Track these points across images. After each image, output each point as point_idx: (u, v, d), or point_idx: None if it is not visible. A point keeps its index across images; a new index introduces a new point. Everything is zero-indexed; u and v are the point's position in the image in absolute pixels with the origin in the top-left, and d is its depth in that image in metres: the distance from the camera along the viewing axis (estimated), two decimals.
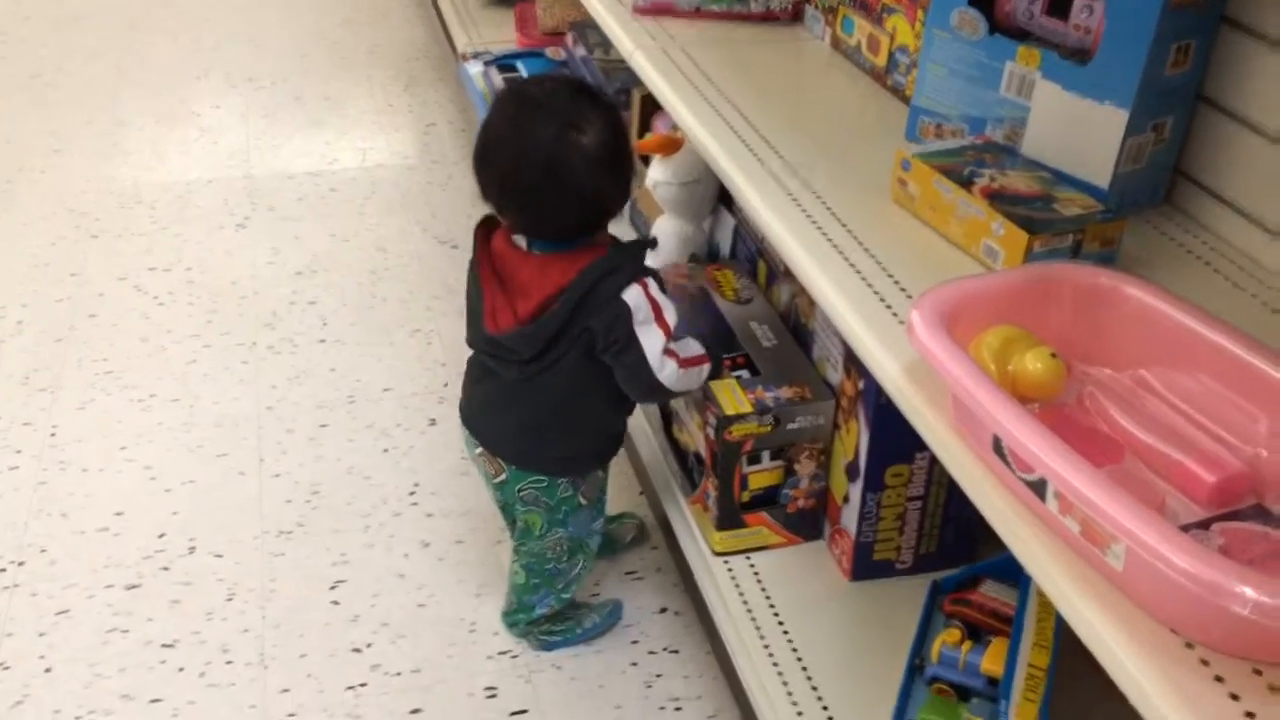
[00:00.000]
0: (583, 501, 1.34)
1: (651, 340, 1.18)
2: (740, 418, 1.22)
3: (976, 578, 1.13)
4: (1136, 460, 0.78)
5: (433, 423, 1.83)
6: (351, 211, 2.44)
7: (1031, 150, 1.12)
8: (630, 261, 1.20)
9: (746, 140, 1.27)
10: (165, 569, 1.55)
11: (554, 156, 1.16)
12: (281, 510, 1.65)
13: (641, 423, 1.56)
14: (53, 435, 1.78)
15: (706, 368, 1.26)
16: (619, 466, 1.72)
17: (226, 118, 2.82)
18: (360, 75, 3.09)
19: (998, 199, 1.03)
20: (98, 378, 1.91)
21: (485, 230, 1.26)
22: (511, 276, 1.21)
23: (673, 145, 1.52)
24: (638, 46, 1.51)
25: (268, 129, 2.76)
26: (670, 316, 1.21)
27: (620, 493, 1.69)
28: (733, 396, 1.24)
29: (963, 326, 0.84)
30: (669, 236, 1.57)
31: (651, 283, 1.20)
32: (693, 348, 1.26)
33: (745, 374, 1.33)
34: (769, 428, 1.23)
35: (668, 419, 1.51)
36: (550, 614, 1.42)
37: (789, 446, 1.25)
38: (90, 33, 3.26)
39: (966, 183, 1.05)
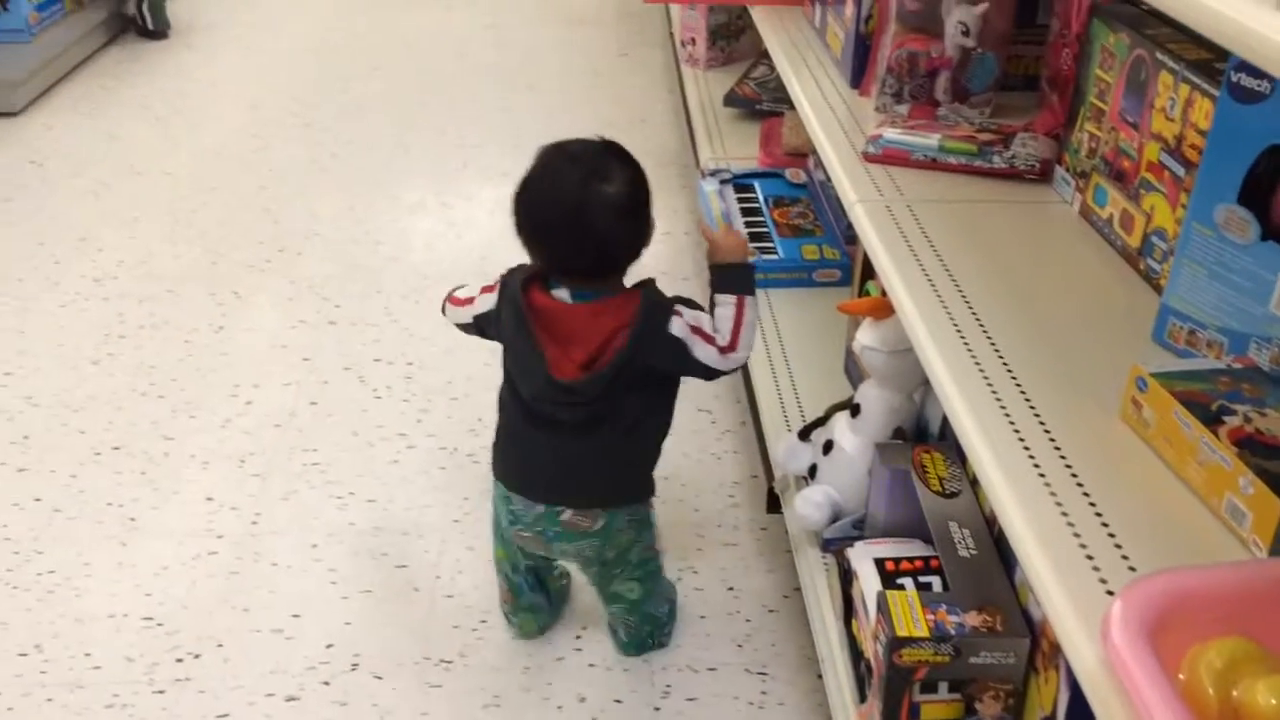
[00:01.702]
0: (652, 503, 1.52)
1: (706, 354, 1.35)
2: (914, 641, 1.07)
3: None
4: None
5: None
6: None
7: None
8: (659, 297, 1.36)
9: (958, 320, 1.14)
10: (326, 684, 1.54)
11: (580, 200, 1.30)
12: (447, 636, 1.62)
13: (824, 607, 1.42)
14: (254, 524, 1.83)
15: (748, 310, 1.38)
16: (800, 640, 1.59)
17: (474, 213, 2.92)
18: None
19: (1250, 447, 0.84)
20: (305, 469, 1.96)
21: (522, 290, 1.35)
22: (560, 327, 1.33)
23: (883, 309, 1.39)
24: (860, 198, 1.41)
25: (511, 228, 2.82)
26: (708, 327, 1.37)
27: (799, 672, 1.56)
28: (909, 614, 1.09)
29: (1178, 631, 0.68)
30: (874, 404, 1.44)
31: (684, 310, 1.36)
32: (730, 322, 1.37)
33: (935, 583, 1.18)
34: (947, 658, 1.07)
35: (849, 605, 1.36)
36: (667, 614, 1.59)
37: (971, 682, 1.09)
38: (368, 122, 3.48)
39: (1214, 420, 0.88)
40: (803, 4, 2.10)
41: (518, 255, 1.39)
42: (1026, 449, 0.95)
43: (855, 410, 1.46)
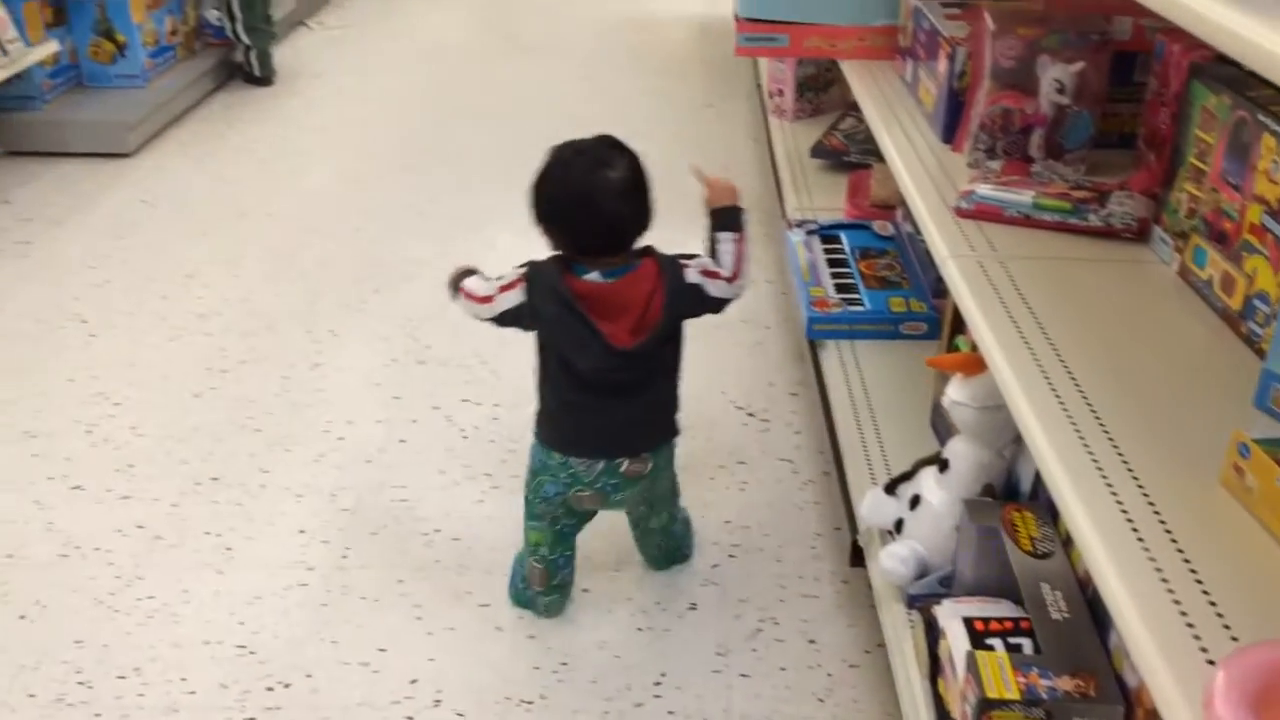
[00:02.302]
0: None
1: (718, 289, 1.58)
2: (1004, 704, 1.06)
3: None
4: None
5: (693, 607, 1.77)
6: None
7: None
8: (669, 256, 1.56)
9: (1052, 378, 1.13)
10: (410, 719, 1.57)
11: (588, 186, 1.50)
12: (528, 677, 1.64)
13: (909, 664, 1.41)
14: (344, 557, 1.88)
15: (745, 245, 1.62)
16: (881, 697, 1.58)
17: None
18: (692, 227, 3.15)
19: None
20: (394, 505, 2.01)
21: (556, 285, 1.51)
22: (605, 305, 1.51)
23: (974, 365, 1.39)
24: (953, 254, 1.41)
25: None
26: (712, 266, 1.59)
27: None
28: (999, 675, 1.08)
29: None
30: (963, 461, 1.43)
31: (690, 263, 1.57)
32: (732, 255, 1.60)
33: (1025, 645, 1.17)
34: None
35: (935, 663, 1.35)
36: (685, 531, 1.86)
37: None
38: (463, 168, 3.57)
39: None
40: (893, 59, 2.12)
41: None
42: (1124, 511, 0.94)
43: (943, 465, 1.46)
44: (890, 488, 1.59)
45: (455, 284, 1.66)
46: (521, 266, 1.56)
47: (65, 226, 3.14)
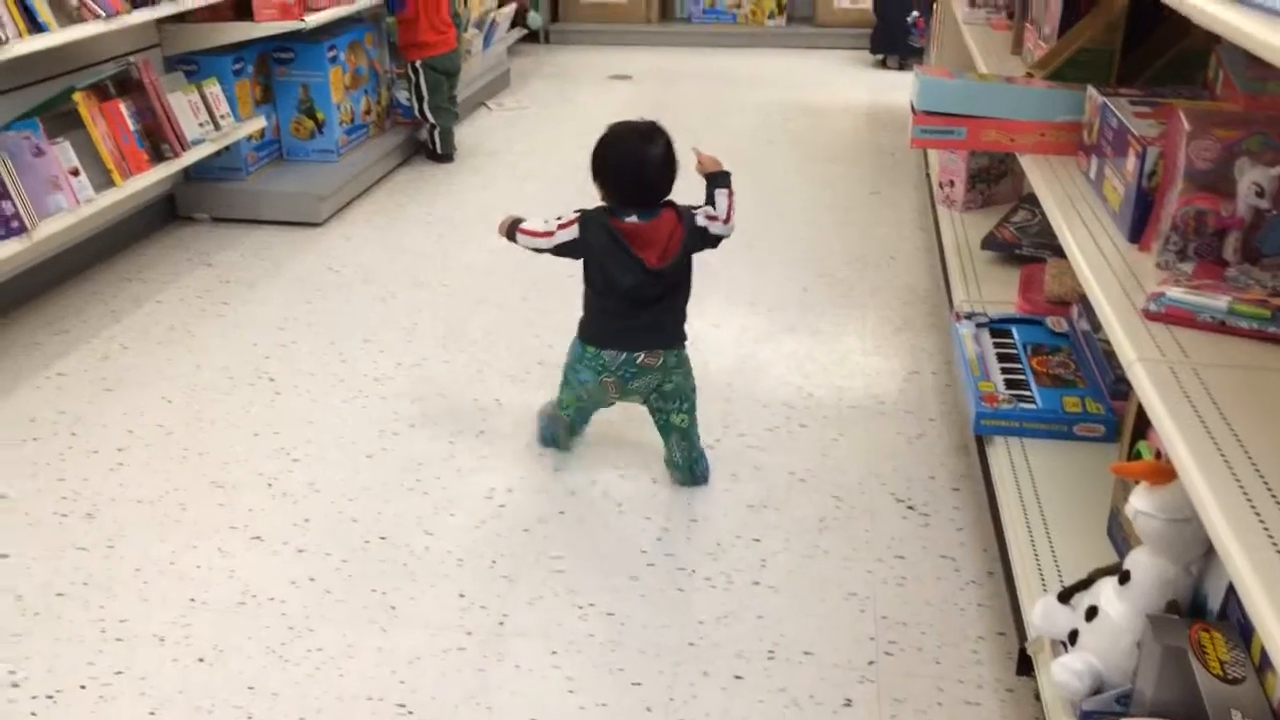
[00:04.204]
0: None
1: (716, 228, 2.20)
2: None
3: None
4: None
5: (848, 704, 1.72)
6: (815, 451, 2.45)
7: None
8: (684, 206, 2.18)
9: (1249, 492, 1.08)
10: None
11: (640, 158, 2.13)
12: None
13: None
14: (500, 624, 1.91)
15: (733, 197, 2.24)
16: None
17: (720, 338, 3.00)
18: (855, 314, 3.15)
19: None
20: (550, 575, 2.04)
21: (605, 224, 2.13)
22: (640, 239, 2.12)
23: (1163, 475, 1.33)
24: (1141, 357, 1.37)
25: (755, 354, 2.89)
26: (711, 213, 2.20)
27: None
28: None
29: None
30: (1146, 573, 1.37)
31: (698, 211, 2.19)
32: (725, 205, 2.23)
33: None
34: None
35: None
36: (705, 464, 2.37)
37: None
38: None
39: None
40: (1075, 154, 2.09)
41: (766, 386, 1.40)
42: None
43: (1124, 577, 1.40)
44: (1065, 596, 1.53)
45: (511, 231, 2.24)
46: (576, 212, 2.17)
47: (259, 289, 3.35)
